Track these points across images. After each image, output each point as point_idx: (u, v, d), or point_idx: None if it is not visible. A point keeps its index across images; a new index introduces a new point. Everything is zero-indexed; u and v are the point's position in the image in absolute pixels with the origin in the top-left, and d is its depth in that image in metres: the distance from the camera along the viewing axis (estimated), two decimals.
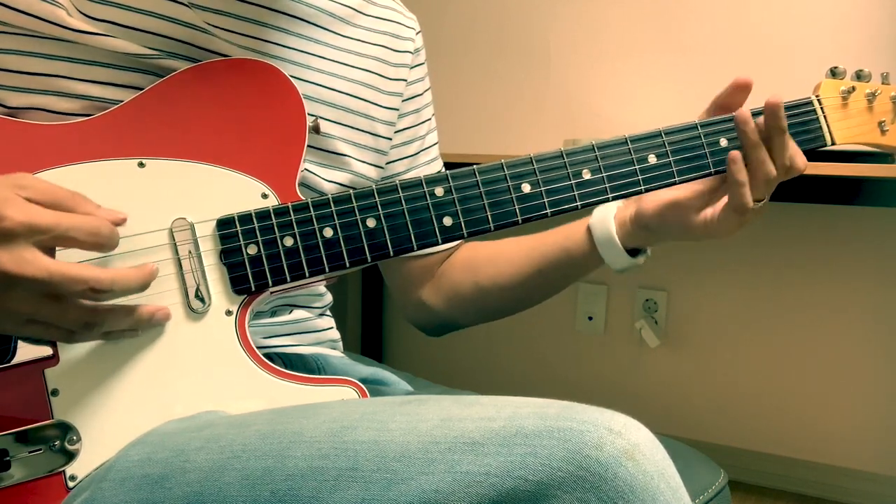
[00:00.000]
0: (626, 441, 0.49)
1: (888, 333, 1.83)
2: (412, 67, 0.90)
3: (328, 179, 0.80)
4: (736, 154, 0.76)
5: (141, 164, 0.67)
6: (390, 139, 0.88)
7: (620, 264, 0.84)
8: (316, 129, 0.75)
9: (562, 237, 0.87)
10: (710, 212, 0.79)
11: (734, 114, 0.77)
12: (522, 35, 2.15)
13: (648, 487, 0.49)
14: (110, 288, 0.59)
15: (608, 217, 0.83)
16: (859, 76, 0.84)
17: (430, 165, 0.94)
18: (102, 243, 0.60)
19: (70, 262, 0.58)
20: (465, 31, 2.20)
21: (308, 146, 0.78)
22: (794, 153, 0.77)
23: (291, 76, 0.75)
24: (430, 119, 0.94)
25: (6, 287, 0.55)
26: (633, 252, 0.83)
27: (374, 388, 0.86)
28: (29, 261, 0.56)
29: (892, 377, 1.83)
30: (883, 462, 1.85)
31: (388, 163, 0.89)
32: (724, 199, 0.78)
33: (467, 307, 0.92)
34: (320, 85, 0.79)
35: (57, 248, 0.60)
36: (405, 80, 0.89)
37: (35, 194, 0.58)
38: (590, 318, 2.12)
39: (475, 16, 2.20)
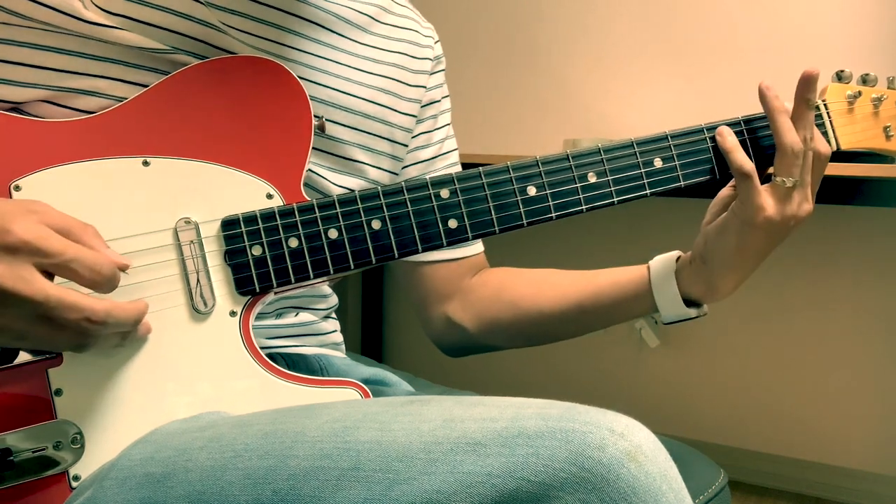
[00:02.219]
0: (629, 442, 0.49)
1: (888, 333, 1.83)
2: (432, 74, 0.90)
3: (339, 184, 0.80)
4: (722, 128, 0.76)
5: (145, 163, 0.67)
6: (407, 146, 0.88)
7: (670, 310, 0.80)
8: (321, 129, 0.75)
9: (616, 273, 0.84)
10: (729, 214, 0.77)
11: (759, 84, 0.76)
12: (522, 35, 2.15)
13: (651, 489, 0.49)
14: (104, 321, 0.58)
15: (671, 256, 0.82)
16: (865, 80, 0.83)
17: (448, 170, 0.92)
18: (101, 282, 0.59)
19: (68, 289, 0.57)
20: (465, 32, 2.20)
21: (321, 151, 0.78)
22: (818, 135, 0.77)
23: (306, 79, 0.75)
24: (447, 125, 0.93)
25: (1, 303, 0.55)
26: (688, 303, 0.80)
27: (376, 388, 0.86)
28: (27, 280, 0.55)
29: (892, 377, 1.84)
30: (883, 462, 1.86)
31: (402, 167, 0.88)
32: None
33: (498, 327, 0.89)
34: (336, 90, 0.79)
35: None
36: (424, 87, 0.89)
37: (45, 220, 0.57)
38: None
39: (475, 16, 2.20)
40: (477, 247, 0.93)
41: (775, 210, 0.74)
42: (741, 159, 0.75)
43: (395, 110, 0.85)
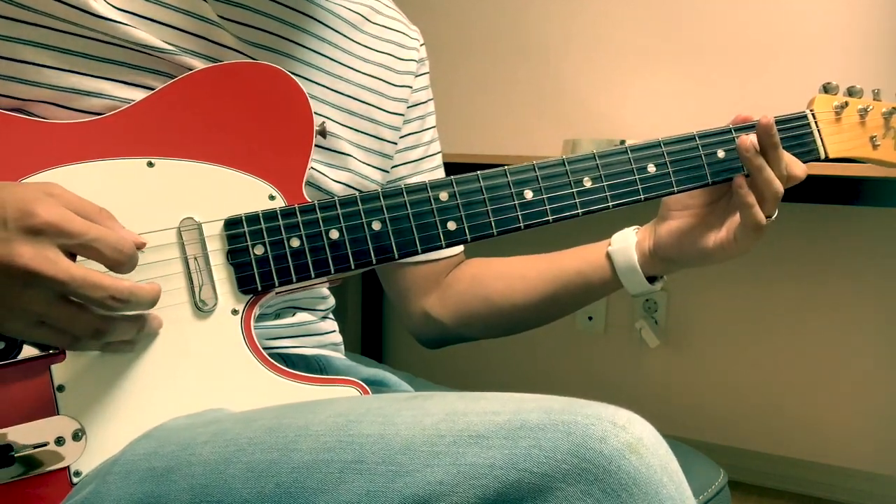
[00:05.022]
0: (630, 435, 0.50)
1: (888, 333, 1.83)
2: (417, 76, 0.92)
3: (335, 180, 0.81)
4: (740, 180, 0.77)
5: (150, 164, 0.68)
6: (395, 144, 0.89)
7: (638, 290, 0.85)
8: (322, 133, 0.76)
9: (579, 261, 0.88)
10: (723, 234, 0.80)
11: (737, 143, 0.78)
12: (522, 35, 2.16)
13: (651, 481, 0.49)
14: (128, 299, 0.59)
15: (630, 247, 0.85)
16: (851, 92, 0.86)
17: (433, 173, 0.94)
18: (123, 261, 0.59)
19: (92, 269, 0.57)
20: (464, 32, 2.21)
21: (318, 147, 0.78)
22: (790, 162, 0.79)
23: (298, 75, 0.76)
24: (433, 128, 0.95)
25: (25, 284, 0.56)
26: (651, 279, 0.85)
27: (376, 389, 0.86)
28: (52, 260, 0.56)
29: (892, 377, 1.84)
30: (883, 462, 1.86)
31: (392, 166, 0.90)
32: (736, 220, 0.79)
33: (474, 321, 0.92)
34: (326, 87, 0.81)
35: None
36: (410, 87, 0.90)
37: (64, 203, 0.58)
38: (590, 319, 2.12)
39: (474, 16, 2.20)
40: (458, 247, 0.95)
41: (754, 242, 0.79)
42: (757, 215, 0.77)
43: (381, 109, 0.86)
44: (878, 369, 1.85)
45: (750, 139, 0.77)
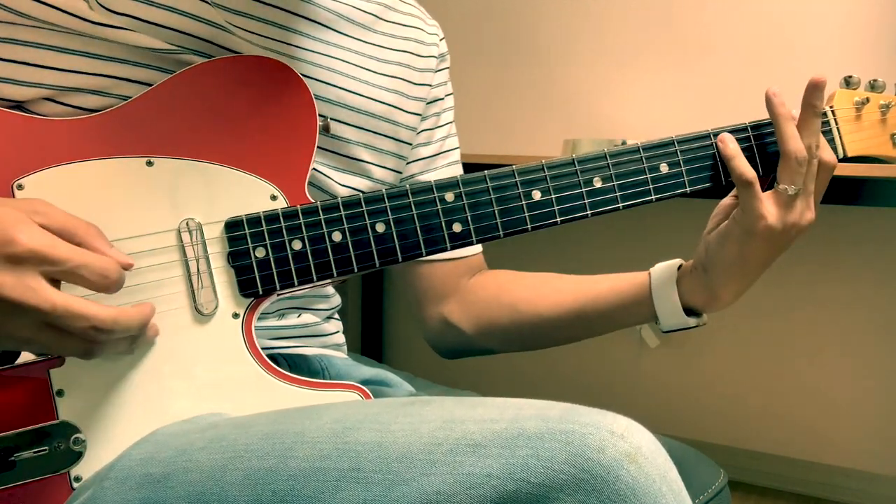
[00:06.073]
0: (629, 444, 0.50)
1: (888, 333, 1.83)
2: (436, 72, 0.90)
3: (343, 184, 0.80)
4: (724, 135, 0.76)
5: (149, 163, 0.67)
6: (411, 144, 0.87)
7: (670, 318, 0.81)
8: (326, 129, 0.75)
9: (615, 280, 0.84)
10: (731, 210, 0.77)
11: (766, 90, 0.75)
12: (522, 36, 2.15)
13: (650, 490, 0.49)
14: (112, 328, 0.58)
15: (672, 265, 0.82)
16: (873, 86, 0.82)
17: (449, 168, 0.92)
18: (109, 286, 0.59)
19: (74, 297, 0.57)
20: (464, 32, 2.20)
21: (326, 150, 0.78)
22: (824, 144, 0.76)
23: (312, 78, 0.75)
24: (450, 123, 0.93)
25: (8, 313, 0.55)
26: (688, 313, 0.81)
27: (378, 389, 0.86)
28: (34, 289, 0.55)
29: (892, 377, 1.84)
30: (883, 462, 1.86)
31: (406, 163, 0.88)
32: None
33: (496, 330, 0.89)
34: (342, 89, 0.79)
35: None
36: (429, 85, 0.89)
37: (49, 221, 0.57)
38: None
39: (475, 16, 2.20)
40: (475, 248, 0.93)
41: (776, 218, 0.74)
42: (742, 167, 0.74)
43: (402, 109, 0.85)
44: (878, 369, 1.85)
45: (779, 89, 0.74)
